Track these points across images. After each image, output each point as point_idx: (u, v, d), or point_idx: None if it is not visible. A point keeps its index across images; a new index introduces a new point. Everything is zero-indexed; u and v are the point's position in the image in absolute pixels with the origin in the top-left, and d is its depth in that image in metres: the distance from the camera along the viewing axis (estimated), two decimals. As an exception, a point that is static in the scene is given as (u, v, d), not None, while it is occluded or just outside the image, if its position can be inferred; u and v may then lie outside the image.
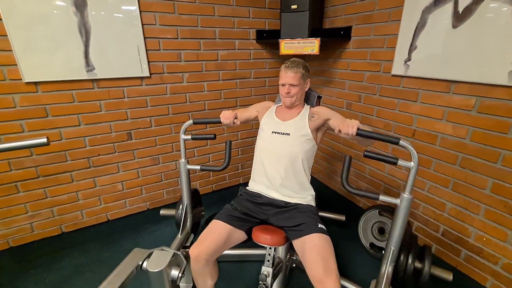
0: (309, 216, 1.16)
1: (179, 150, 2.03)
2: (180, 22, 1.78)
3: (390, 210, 1.80)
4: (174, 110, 1.95)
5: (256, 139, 1.47)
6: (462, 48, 1.28)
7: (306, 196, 1.28)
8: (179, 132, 1.53)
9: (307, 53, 1.82)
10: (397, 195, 1.11)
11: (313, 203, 1.27)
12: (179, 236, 1.58)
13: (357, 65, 1.88)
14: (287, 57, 2.26)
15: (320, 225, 1.10)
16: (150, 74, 1.79)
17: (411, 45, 1.49)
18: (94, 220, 1.91)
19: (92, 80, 1.64)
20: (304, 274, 1.59)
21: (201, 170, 1.43)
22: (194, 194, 1.81)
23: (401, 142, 1.02)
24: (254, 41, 2.07)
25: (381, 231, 1.81)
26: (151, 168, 2.01)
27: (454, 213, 1.47)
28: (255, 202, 1.28)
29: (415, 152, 1.02)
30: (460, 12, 1.26)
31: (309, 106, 1.41)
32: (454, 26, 1.29)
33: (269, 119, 1.38)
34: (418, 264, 1.25)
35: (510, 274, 1.28)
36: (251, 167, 1.43)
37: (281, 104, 1.44)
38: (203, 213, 1.96)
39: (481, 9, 1.19)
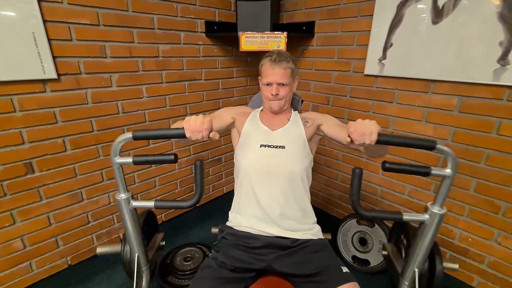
0: (328, 257, 0.88)
1: (113, 178, 1.51)
2: (101, 3, 1.27)
3: (368, 218, 1.70)
4: (101, 124, 1.41)
5: (234, 154, 1.12)
6: (443, 46, 1.22)
7: (312, 227, 1.00)
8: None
9: (272, 49, 1.54)
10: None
11: (322, 235, 1.00)
12: None
13: (323, 64, 1.72)
14: (245, 54, 1.97)
15: (344, 269, 0.84)
16: (58, 75, 1.22)
17: (386, 43, 1.39)
18: (-27, 304, 1.22)
19: None
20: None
21: (157, 208, 0.94)
22: (148, 219, 1.14)
23: (437, 146, 0.75)
24: (203, 34, 1.70)
25: (363, 241, 1.69)
26: (71, 209, 1.42)
27: (437, 215, 1.43)
28: (247, 246, 0.93)
29: (455, 157, 0.78)
30: (440, 7, 1.19)
31: (295, 111, 1.14)
32: (434, 22, 1.22)
33: (253, 127, 1.05)
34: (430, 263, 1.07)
35: (497, 271, 1.29)
36: (211, 184, 1.05)
37: (262, 108, 1.13)
38: (163, 242, 1.26)
39: (463, 4, 1.13)
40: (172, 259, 1.63)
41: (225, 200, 2.18)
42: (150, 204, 0.88)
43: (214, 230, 1.52)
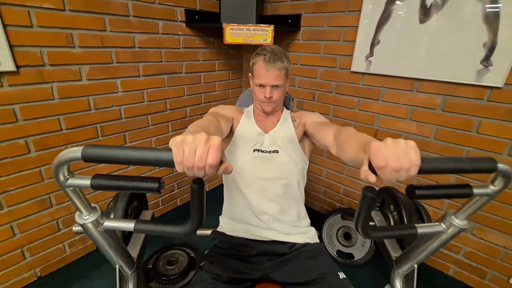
0: (325, 263, 0.86)
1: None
2: (66, -16, 1.12)
3: (352, 213, 1.73)
4: (71, 122, 1.27)
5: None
6: (429, 45, 1.23)
7: (308, 229, 0.97)
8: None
9: (258, 42, 1.48)
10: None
11: (317, 239, 0.98)
12: None
13: (309, 60, 1.68)
14: (227, 46, 1.87)
15: (341, 275, 0.83)
16: (17, 67, 1.07)
17: (373, 40, 1.38)
18: None
19: None
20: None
21: (138, 232, 0.80)
22: (133, 197, 0.93)
23: (499, 166, 0.54)
24: (184, 24, 1.58)
25: (347, 236, 1.72)
26: (38, 217, 1.28)
27: (418, 210, 1.49)
28: (243, 255, 0.89)
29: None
30: (428, 6, 1.19)
31: (287, 110, 1.09)
32: (422, 21, 1.23)
33: (248, 128, 0.99)
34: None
35: (472, 260, 1.38)
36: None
37: (253, 107, 1.07)
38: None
39: (451, 4, 1.14)
40: (155, 263, 1.55)
41: (210, 199, 2.11)
42: (129, 226, 0.64)
43: (200, 232, 1.46)
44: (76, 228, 0.80)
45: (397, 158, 0.44)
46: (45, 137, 1.21)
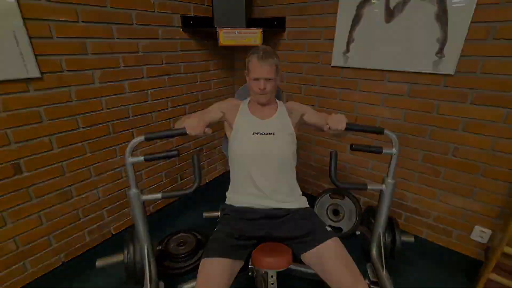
0: (315, 221, 1.07)
1: (101, 174, 1.55)
2: (80, -1, 1.27)
3: (339, 192, 1.96)
4: (87, 121, 1.43)
5: (226, 144, 1.25)
6: (394, 41, 1.45)
7: (300, 198, 1.18)
8: (124, 154, 0.99)
9: (248, 44, 1.67)
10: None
11: (308, 205, 1.19)
12: None
13: (295, 57, 1.89)
14: (220, 48, 2.05)
15: (328, 228, 1.04)
16: (41, 73, 1.22)
17: (348, 38, 1.59)
18: (-31, 309, 1.21)
19: None
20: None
21: (163, 198, 1.08)
22: None
23: (385, 131, 1.08)
24: (180, 29, 1.75)
25: (336, 212, 1.95)
26: (61, 207, 1.43)
27: (394, 183, 1.72)
28: (248, 219, 1.09)
29: (397, 139, 1.09)
30: (392, 8, 1.41)
31: (280, 101, 1.29)
32: (387, 21, 1.45)
33: (245, 119, 1.18)
34: (392, 237, 1.37)
35: (440, 223, 1.62)
36: (191, 175, 1.23)
37: (249, 100, 1.26)
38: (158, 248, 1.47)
39: (410, 6, 1.36)
40: (166, 245, 1.72)
41: (209, 189, 2.30)
42: (158, 196, 1.02)
43: (206, 214, 1.66)
44: (98, 263, 1.19)
45: (336, 119, 1.03)
46: (66, 135, 1.36)
